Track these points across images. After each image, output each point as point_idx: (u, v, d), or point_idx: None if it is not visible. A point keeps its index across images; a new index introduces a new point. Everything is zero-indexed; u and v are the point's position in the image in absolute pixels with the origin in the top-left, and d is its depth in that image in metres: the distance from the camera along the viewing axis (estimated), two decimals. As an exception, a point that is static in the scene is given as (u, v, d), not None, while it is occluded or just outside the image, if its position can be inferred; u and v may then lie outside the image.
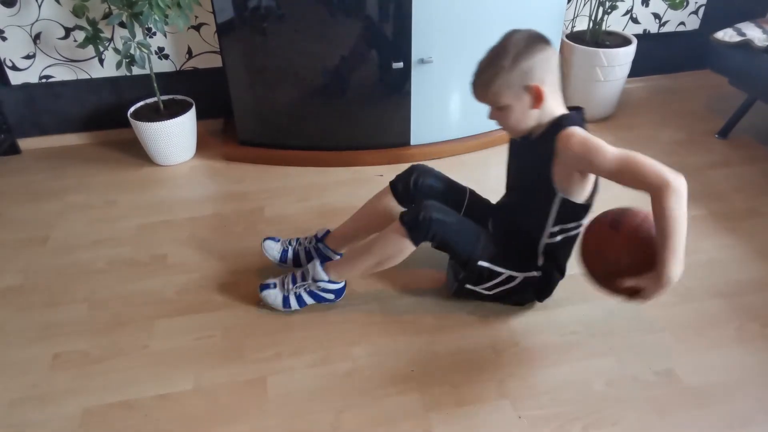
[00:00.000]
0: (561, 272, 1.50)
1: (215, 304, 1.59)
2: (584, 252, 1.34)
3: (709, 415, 1.28)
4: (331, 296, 1.54)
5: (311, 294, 1.52)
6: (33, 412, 1.31)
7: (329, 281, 1.50)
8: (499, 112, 1.32)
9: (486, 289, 1.48)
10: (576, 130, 1.26)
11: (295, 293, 1.52)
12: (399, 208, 1.58)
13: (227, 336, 1.49)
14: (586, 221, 1.41)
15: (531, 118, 1.31)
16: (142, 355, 1.44)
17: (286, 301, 1.52)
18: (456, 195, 1.60)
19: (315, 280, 1.50)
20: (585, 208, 1.38)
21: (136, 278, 1.69)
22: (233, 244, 1.82)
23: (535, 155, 1.35)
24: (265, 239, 1.67)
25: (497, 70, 1.25)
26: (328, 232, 1.66)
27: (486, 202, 1.63)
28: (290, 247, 1.66)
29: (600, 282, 1.31)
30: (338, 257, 1.64)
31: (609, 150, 1.22)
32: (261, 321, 1.53)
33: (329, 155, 2.23)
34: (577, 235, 1.44)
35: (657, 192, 1.17)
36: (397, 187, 1.59)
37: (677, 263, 1.15)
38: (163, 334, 1.50)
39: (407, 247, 1.41)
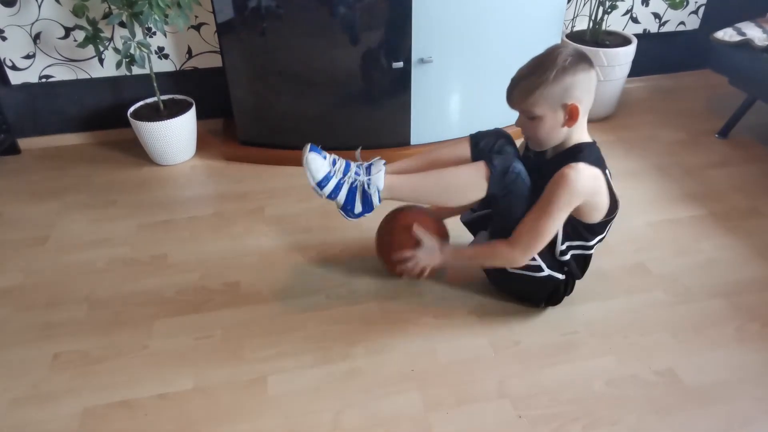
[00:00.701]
0: (572, 285, 1.51)
1: (215, 303, 1.59)
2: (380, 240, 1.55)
3: (709, 415, 1.28)
4: (359, 209, 1.39)
5: (351, 192, 1.37)
6: (33, 411, 1.31)
7: (380, 192, 1.37)
8: (530, 121, 1.31)
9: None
10: (584, 170, 1.27)
11: (339, 180, 1.36)
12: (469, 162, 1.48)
13: (227, 336, 1.49)
14: (597, 242, 1.42)
15: (559, 135, 1.32)
16: (142, 355, 1.44)
17: (326, 179, 1.34)
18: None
19: (371, 183, 1.36)
20: (595, 227, 1.38)
21: (136, 278, 1.69)
22: (233, 244, 1.82)
23: (547, 174, 1.34)
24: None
25: (541, 81, 1.25)
26: (383, 163, 1.44)
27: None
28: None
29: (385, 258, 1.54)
30: (378, 204, 1.43)
31: (557, 201, 1.28)
32: (261, 321, 1.53)
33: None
34: (590, 255, 1.45)
35: (513, 241, 1.36)
36: (479, 142, 1.48)
37: (456, 260, 1.49)
38: (162, 333, 1.50)
39: (481, 189, 1.35)
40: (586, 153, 1.31)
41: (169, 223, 1.93)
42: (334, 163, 1.37)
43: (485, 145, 1.48)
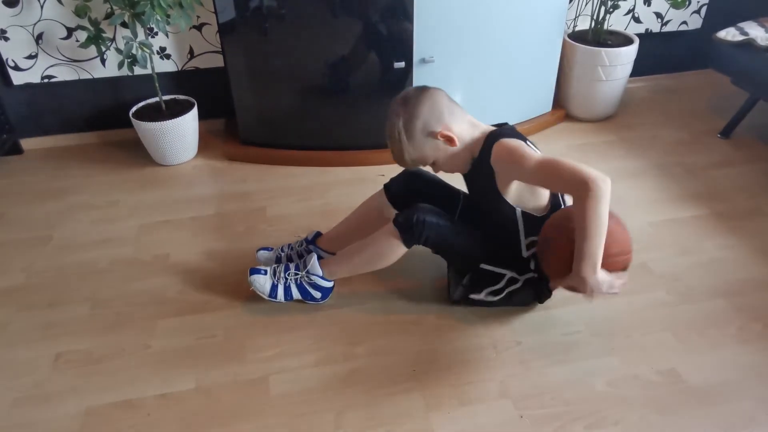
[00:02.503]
0: None
1: (217, 304, 1.59)
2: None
3: (711, 415, 1.28)
4: (318, 294, 1.53)
5: (300, 288, 1.51)
6: (35, 411, 1.31)
7: (322, 277, 1.50)
8: (434, 166, 1.39)
9: (492, 293, 1.47)
10: (503, 141, 1.29)
11: (285, 284, 1.51)
12: (392, 211, 1.58)
13: (229, 336, 1.49)
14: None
15: (459, 155, 1.36)
16: (144, 355, 1.45)
17: (273, 289, 1.51)
18: (450, 199, 1.61)
19: (309, 273, 1.49)
20: (549, 216, 1.38)
21: (138, 278, 1.69)
22: (235, 244, 1.82)
23: (481, 178, 1.38)
24: (258, 250, 1.68)
25: (401, 145, 1.33)
26: (319, 234, 1.66)
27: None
28: (282, 254, 1.66)
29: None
30: (330, 256, 1.64)
31: (533, 157, 1.24)
32: (263, 321, 1.53)
33: (331, 155, 2.23)
34: None
35: (576, 195, 1.17)
36: (391, 189, 1.59)
37: (589, 265, 1.17)
38: (164, 333, 1.50)
39: (399, 249, 1.41)
40: (497, 133, 1.32)
41: (171, 223, 1.93)
42: (274, 273, 1.52)
43: (396, 190, 1.58)
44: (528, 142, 1.34)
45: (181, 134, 2.19)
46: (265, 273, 1.52)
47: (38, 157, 2.33)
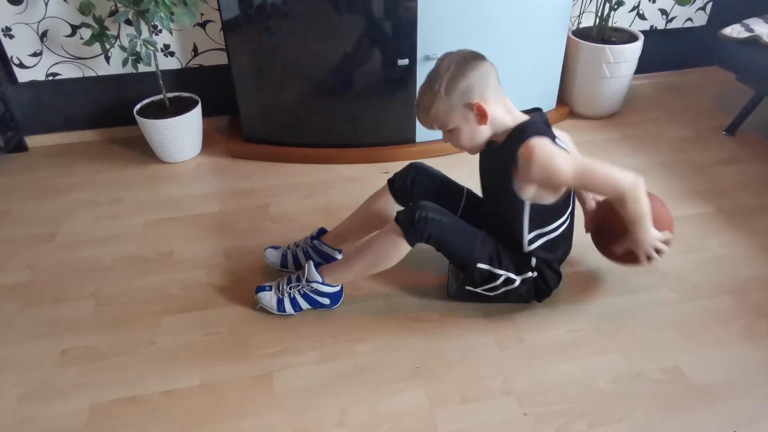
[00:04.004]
0: (554, 271, 1.49)
1: (221, 300, 1.60)
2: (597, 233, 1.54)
3: (715, 413, 1.28)
4: (326, 301, 1.52)
5: (306, 297, 1.50)
6: (41, 407, 1.32)
7: (323, 283, 1.48)
8: (449, 134, 1.35)
9: (487, 290, 1.48)
10: (537, 145, 1.27)
11: (290, 296, 1.50)
12: (396, 207, 1.57)
13: (233, 332, 1.50)
14: (565, 219, 1.42)
15: (482, 134, 1.34)
16: (149, 351, 1.45)
17: (280, 304, 1.50)
18: (453, 194, 1.60)
19: (309, 281, 1.48)
20: (560, 207, 1.39)
21: (143, 275, 1.70)
22: (239, 241, 1.83)
23: (498, 164, 1.37)
24: (266, 249, 1.68)
25: (435, 96, 1.29)
26: (323, 230, 1.66)
27: (483, 202, 1.63)
28: (288, 251, 1.65)
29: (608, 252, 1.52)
30: (337, 253, 1.64)
31: (568, 169, 1.27)
32: (267, 317, 1.54)
33: (335, 152, 2.23)
34: (561, 234, 1.44)
35: (616, 200, 1.33)
36: (395, 185, 1.58)
37: (644, 233, 1.37)
38: (169, 330, 1.51)
39: (403, 247, 1.40)
40: (529, 129, 1.31)
41: (175, 220, 1.93)
42: (278, 286, 1.52)
43: (400, 186, 1.57)
44: (556, 140, 1.33)
45: (185, 132, 2.19)
46: (270, 289, 1.52)
47: (43, 155, 2.34)
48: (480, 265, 1.42)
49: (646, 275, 1.65)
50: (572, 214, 1.46)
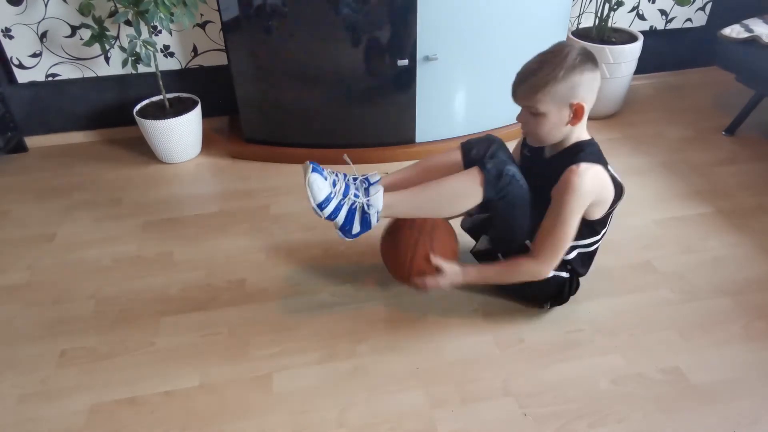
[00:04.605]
0: (578, 283, 1.50)
1: (221, 301, 1.60)
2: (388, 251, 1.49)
3: (715, 414, 1.27)
4: (358, 229, 1.38)
5: (349, 213, 1.36)
6: (40, 407, 1.32)
7: (378, 212, 1.36)
8: (533, 117, 1.30)
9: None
10: (588, 172, 1.26)
11: (339, 202, 1.35)
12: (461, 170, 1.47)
13: (233, 333, 1.50)
14: (600, 237, 1.42)
15: (560, 133, 1.32)
16: (149, 352, 1.45)
17: (326, 201, 1.33)
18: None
19: (370, 204, 1.36)
20: (596, 224, 1.38)
21: (142, 275, 1.70)
22: (239, 241, 1.83)
23: (545, 173, 1.34)
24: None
25: (550, 78, 1.24)
26: (378, 179, 1.47)
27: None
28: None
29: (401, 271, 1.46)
30: (376, 223, 1.45)
31: (569, 208, 1.28)
32: (266, 318, 1.54)
33: (334, 153, 2.22)
34: (593, 252, 1.45)
35: (532, 255, 1.36)
36: (471, 151, 1.48)
37: (471, 278, 1.43)
38: (169, 331, 1.51)
39: (477, 194, 1.34)
40: (586, 151, 1.31)
41: (174, 221, 1.93)
42: (334, 184, 1.36)
43: (477, 153, 1.48)
44: (608, 166, 1.33)
45: (185, 132, 2.19)
46: (326, 180, 1.35)
47: (43, 155, 2.33)
48: (528, 243, 1.40)
49: (645, 276, 1.65)
50: (605, 235, 1.44)
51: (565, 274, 1.45)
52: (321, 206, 1.34)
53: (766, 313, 1.53)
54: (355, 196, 1.37)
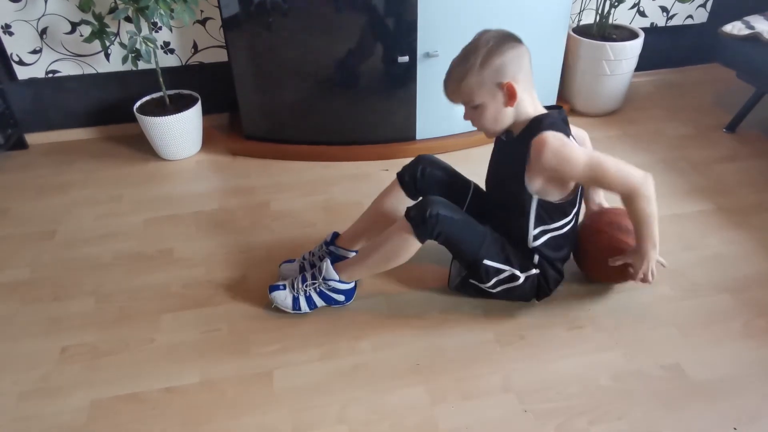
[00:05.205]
0: (557, 271, 1.49)
1: (221, 298, 1.60)
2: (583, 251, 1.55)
3: (715, 410, 1.28)
4: (341, 297, 1.52)
5: (321, 295, 1.50)
6: (41, 404, 1.32)
7: (339, 281, 1.48)
8: (473, 111, 1.33)
9: (490, 287, 1.47)
10: (549, 137, 1.27)
11: (305, 293, 1.49)
12: (407, 201, 1.57)
13: (233, 330, 1.50)
14: (571, 218, 1.42)
15: (506, 117, 1.33)
16: (149, 349, 1.45)
17: (296, 302, 1.50)
18: (461, 187, 1.60)
19: (326, 280, 1.48)
20: (566, 206, 1.39)
21: (143, 272, 1.70)
22: (239, 238, 1.83)
23: (511, 155, 1.37)
24: (281, 264, 1.65)
25: (468, 68, 1.27)
26: (336, 234, 1.64)
27: (487, 197, 1.63)
28: (305, 262, 1.63)
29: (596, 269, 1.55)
30: (352, 254, 1.63)
31: (579, 160, 1.26)
32: (267, 315, 1.54)
33: (335, 150, 2.23)
34: (566, 233, 1.44)
35: (626, 198, 1.31)
36: (404, 177, 1.57)
37: (650, 243, 1.35)
38: (169, 327, 1.51)
39: (413, 245, 1.40)
40: (545, 123, 1.31)
41: (175, 218, 1.93)
42: (292, 285, 1.50)
43: (410, 178, 1.56)
44: (571, 136, 1.33)
45: (185, 129, 2.19)
46: (284, 288, 1.51)
47: (43, 152, 2.33)
48: (486, 262, 1.42)
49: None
50: (578, 214, 1.46)
51: (535, 270, 1.45)
52: (296, 308, 1.50)
53: (767, 310, 1.53)
54: (312, 279, 1.49)
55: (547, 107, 1.37)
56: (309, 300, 1.50)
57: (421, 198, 1.43)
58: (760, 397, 1.30)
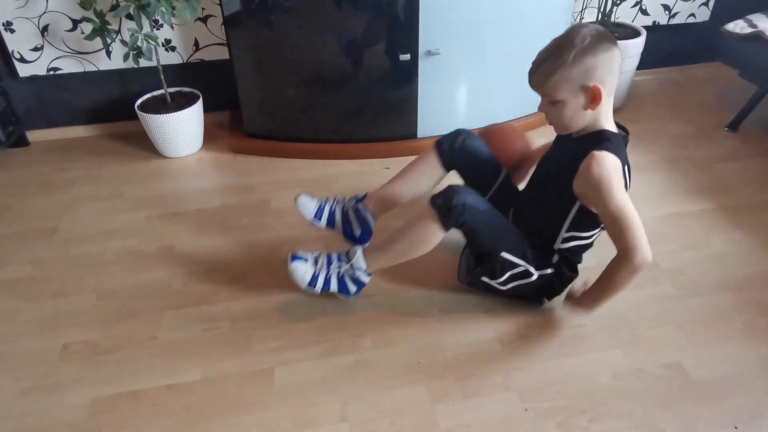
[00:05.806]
0: (573, 272, 1.49)
1: (222, 295, 1.60)
2: None
3: (715, 409, 1.28)
4: (354, 288, 1.50)
5: (340, 281, 1.47)
6: (42, 401, 1.32)
7: (364, 271, 1.47)
8: (551, 105, 1.29)
9: (501, 283, 1.46)
10: (609, 161, 1.23)
11: (326, 275, 1.47)
12: (439, 173, 1.59)
13: (234, 327, 1.50)
14: (599, 230, 1.41)
15: (582, 119, 1.29)
16: (150, 346, 1.45)
17: (314, 279, 1.46)
18: (491, 172, 1.59)
19: (354, 267, 1.46)
20: (597, 220, 1.36)
21: (144, 269, 1.70)
22: (240, 236, 1.83)
23: (567, 156, 1.33)
24: (299, 195, 1.60)
25: (559, 63, 1.22)
26: (365, 195, 1.61)
27: (515, 189, 1.62)
28: (327, 204, 1.60)
29: None
30: (373, 222, 1.61)
31: (614, 197, 1.24)
32: (268, 312, 1.54)
33: (336, 148, 2.23)
34: (590, 244, 1.44)
35: (620, 255, 1.30)
36: (443, 146, 1.56)
37: (596, 306, 1.40)
38: (170, 325, 1.51)
39: (437, 234, 1.37)
40: (613, 142, 1.27)
41: (176, 215, 1.93)
42: (316, 261, 1.48)
43: (448, 148, 1.57)
44: (626, 166, 1.30)
45: (186, 127, 2.19)
46: (306, 261, 1.47)
47: (44, 149, 2.33)
48: (504, 254, 1.40)
49: (647, 272, 1.64)
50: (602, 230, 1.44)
51: (549, 270, 1.44)
52: (311, 285, 1.47)
53: (767, 309, 1.53)
54: (339, 264, 1.48)
55: (617, 124, 1.34)
56: (327, 281, 1.47)
57: (447, 186, 1.40)
58: (760, 396, 1.30)
